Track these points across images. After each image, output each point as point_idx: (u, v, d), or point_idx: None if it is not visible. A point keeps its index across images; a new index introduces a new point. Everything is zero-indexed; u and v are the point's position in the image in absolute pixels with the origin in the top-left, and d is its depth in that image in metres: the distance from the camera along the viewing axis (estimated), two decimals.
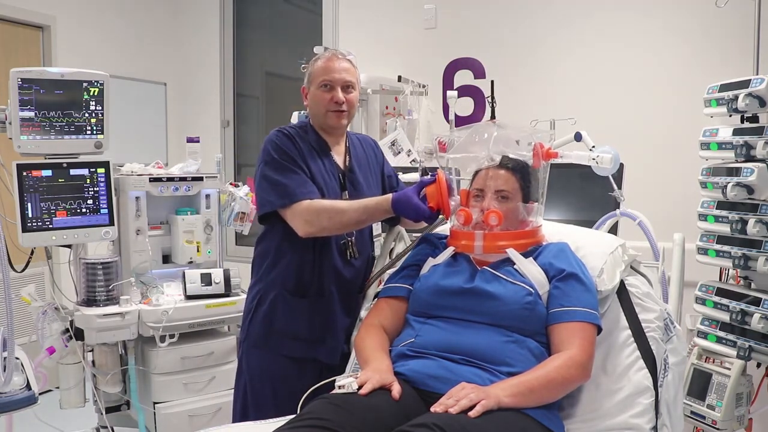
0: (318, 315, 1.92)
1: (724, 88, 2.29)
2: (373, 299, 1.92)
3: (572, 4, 3.61)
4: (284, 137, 1.91)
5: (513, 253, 1.64)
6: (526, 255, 1.66)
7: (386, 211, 1.80)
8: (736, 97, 2.20)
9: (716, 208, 2.29)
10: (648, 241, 1.99)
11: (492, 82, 1.81)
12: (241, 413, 1.98)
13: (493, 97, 1.79)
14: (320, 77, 1.95)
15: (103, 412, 2.57)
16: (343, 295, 1.96)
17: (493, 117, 1.78)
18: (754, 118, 2.26)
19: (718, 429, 2.22)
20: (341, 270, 1.94)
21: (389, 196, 1.80)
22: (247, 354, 1.97)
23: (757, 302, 2.17)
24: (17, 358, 2.29)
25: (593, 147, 2.27)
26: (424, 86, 3.52)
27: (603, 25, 3.53)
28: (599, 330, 1.56)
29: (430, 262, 1.74)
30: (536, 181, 1.75)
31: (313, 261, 1.91)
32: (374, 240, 2.08)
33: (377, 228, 2.08)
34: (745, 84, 2.20)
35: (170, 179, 2.74)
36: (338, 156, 2.00)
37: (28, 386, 2.26)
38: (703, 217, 2.34)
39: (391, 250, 2.16)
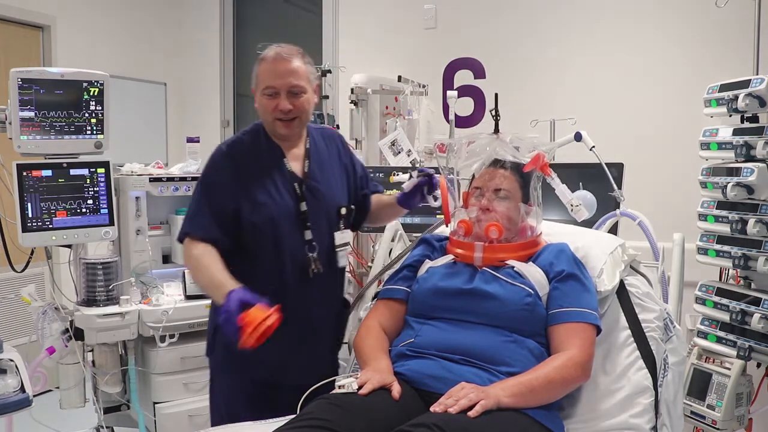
0: (278, 338, 1.74)
1: (724, 88, 2.29)
2: (372, 299, 1.91)
3: (573, 3, 3.61)
4: (223, 158, 1.79)
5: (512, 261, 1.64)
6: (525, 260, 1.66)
7: (220, 300, 1.55)
8: (736, 97, 2.20)
9: (716, 208, 2.29)
10: (648, 241, 1.99)
11: (496, 95, 1.79)
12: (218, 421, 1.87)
13: (497, 111, 1.78)
14: (263, 83, 1.79)
15: (103, 413, 2.57)
16: (308, 315, 1.81)
17: (497, 131, 1.77)
18: (754, 118, 2.26)
19: (718, 429, 2.22)
20: (299, 288, 1.78)
21: (228, 289, 1.54)
22: (214, 375, 1.90)
23: (757, 302, 2.17)
24: (11, 360, 2.28)
25: (593, 147, 2.27)
26: (424, 86, 3.52)
27: (603, 25, 3.53)
28: (599, 330, 1.56)
29: (427, 263, 1.74)
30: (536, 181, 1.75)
31: (266, 278, 1.75)
32: (339, 250, 1.88)
33: (343, 238, 1.88)
34: (745, 84, 2.20)
35: (170, 179, 2.73)
36: (295, 161, 1.84)
37: (23, 389, 2.25)
38: (703, 217, 2.34)
39: (390, 251, 2.17)
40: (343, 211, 1.89)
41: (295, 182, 1.81)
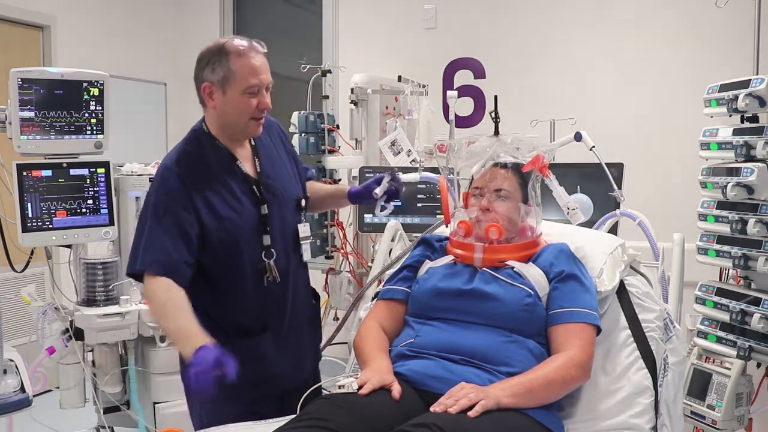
0: (251, 356, 1.69)
1: (724, 88, 2.29)
2: (372, 300, 1.91)
3: (572, 4, 3.61)
4: (174, 179, 1.65)
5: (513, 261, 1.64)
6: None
7: (186, 355, 1.46)
8: (736, 97, 2.20)
9: (716, 208, 2.29)
10: (648, 241, 1.99)
11: (495, 97, 1.79)
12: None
13: (497, 113, 1.78)
14: (246, 80, 1.63)
15: (103, 413, 2.57)
16: (281, 318, 1.77)
17: (497, 132, 1.77)
18: (754, 118, 2.26)
19: (718, 429, 2.22)
20: (256, 298, 1.73)
21: (198, 343, 1.45)
22: (195, 402, 1.79)
23: (757, 302, 2.17)
24: (11, 360, 2.29)
25: (593, 147, 2.27)
26: (424, 86, 3.52)
27: (603, 25, 3.53)
28: (599, 330, 1.56)
29: (427, 264, 1.73)
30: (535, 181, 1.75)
31: (225, 291, 1.72)
32: (302, 243, 1.83)
33: (305, 231, 1.84)
34: (745, 84, 2.20)
35: None
36: (246, 162, 1.75)
37: (23, 389, 2.25)
38: (703, 217, 2.34)
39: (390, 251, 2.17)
40: (303, 203, 1.86)
41: (253, 185, 1.73)
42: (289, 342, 1.81)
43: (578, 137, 2.34)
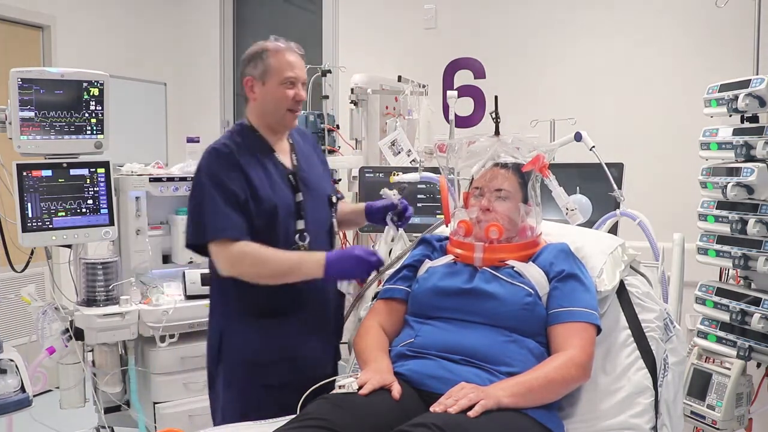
0: (280, 335, 1.79)
1: (724, 88, 2.29)
2: (372, 299, 1.91)
3: (573, 5, 3.61)
4: (219, 159, 1.77)
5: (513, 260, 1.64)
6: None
7: (315, 271, 1.68)
8: (736, 97, 2.20)
9: (716, 208, 2.29)
10: (648, 241, 1.99)
11: (496, 97, 1.80)
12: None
13: (497, 113, 1.78)
14: (285, 72, 1.79)
15: (103, 413, 2.57)
16: (304, 308, 1.82)
17: (497, 132, 1.77)
18: (754, 118, 2.26)
19: (718, 429, 2.22)
20: (292, 283, 1.76)
21: (323, 255, 1.69)
22: (219, 387, 1.87)
23: (757, 302, 2.17)
24: (11, 360, 2.28)
25: (593, 147, 2.27)
26: (424, 86, 3.52)
27: (603, 25, 3.53)
28: (599, 330, 1.56)
29: (427, 263, 1.74)
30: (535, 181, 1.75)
31: None
32: (336, 234, 1.97)
33: (335, 224, 1.95)
34: (745, 84, 2.20)
35: (170, 179, 2.73)
36: (283, 155, 1.87)
37: (23, 389, 2.25)
38: (703, 217, 2.34)
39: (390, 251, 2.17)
40: (334, 199, 1.95)
41: (289, 174, 1.84)
42: (314, 330, 1.85)
43: (578, 137, 2.34)
